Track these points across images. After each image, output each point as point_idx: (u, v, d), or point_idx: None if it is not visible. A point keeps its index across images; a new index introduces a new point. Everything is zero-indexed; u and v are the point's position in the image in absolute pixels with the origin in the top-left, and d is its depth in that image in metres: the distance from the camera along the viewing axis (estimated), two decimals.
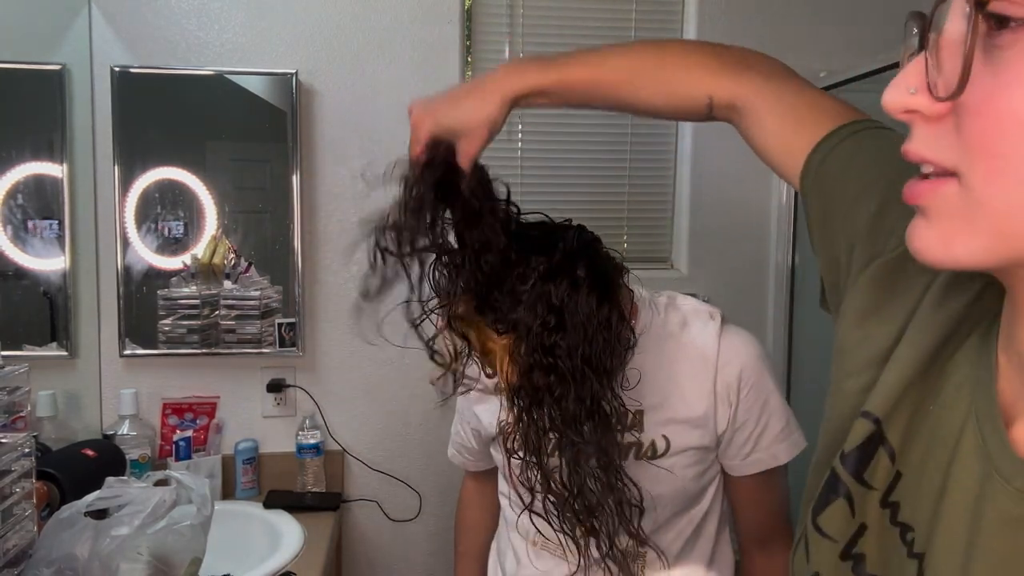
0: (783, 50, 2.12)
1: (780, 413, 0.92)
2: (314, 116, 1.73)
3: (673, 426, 0.89)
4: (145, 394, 1.70)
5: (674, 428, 0.89)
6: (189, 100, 1.68)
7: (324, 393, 1.78)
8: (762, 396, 0.91)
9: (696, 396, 0.89)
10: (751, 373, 0.90)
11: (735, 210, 1.87)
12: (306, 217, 1.74)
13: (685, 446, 0.90)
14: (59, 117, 1.59)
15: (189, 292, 1.68)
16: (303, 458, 1.71)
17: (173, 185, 1.67)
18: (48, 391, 1.53)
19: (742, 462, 0.92)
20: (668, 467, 0.89)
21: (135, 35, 1.66)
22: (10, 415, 0.99)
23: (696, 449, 0.90)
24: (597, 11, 1.83)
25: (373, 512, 1.81)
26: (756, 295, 1.90)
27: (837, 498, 0.49)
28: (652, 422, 0.89)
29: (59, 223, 1.60)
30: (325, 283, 1.77)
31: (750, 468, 0.92)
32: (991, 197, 0.34)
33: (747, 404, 0.90)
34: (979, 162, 0.34)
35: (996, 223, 0.35)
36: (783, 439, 0.91)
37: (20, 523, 0.92)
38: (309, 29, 1.71)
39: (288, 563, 1.38)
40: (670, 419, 0.89)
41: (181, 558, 0.94)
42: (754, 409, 0.90)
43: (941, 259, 0.38)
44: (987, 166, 0.34)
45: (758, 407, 0.91)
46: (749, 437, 0.91)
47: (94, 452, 1.22)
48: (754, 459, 0.91)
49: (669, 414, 0.89)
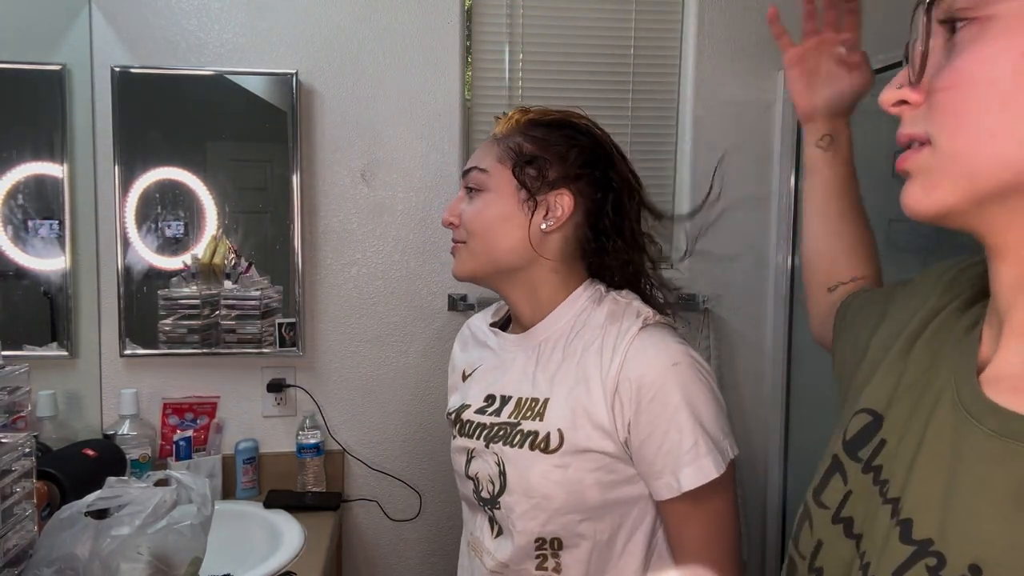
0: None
1: (688, 432, 0.82)
2: (314, 116, 1.73)
3: (575, 421, 0.85)
4: (145, 394, 1.71)
5: (575, 424, 0.85)
6: (189, 100, 1.68)
7: (324, 393, 1.78)
8: (668, 410, 0.82)
9: (599, 394, 0.85)
10: (655, 381, 0.83)
11: (735, 210, 1.87)
12: (306, 217, 1.74)
13: (585, 447, 0.85)
14: (59, 117, 1.59)
15: (189, 292, 1.68)
16: (303, 458, 1.71)
17: (173, 185, 1.67)
18: (48, 391, 1.53)
19: (655, 483, 0.84)
20: (561, 464, 0.85)
21: (135, 35, 1.66)
22: (10, 415, 0.99)
23: (599, 454, 0.85)
24: (597, 11, 1.83)
25: (373, 512, 1.81)
26: (756, 295, 1.90)
27: (834, 475, 0.57)
28: (554, 413, 0.87)
29: (59, 223, 1.60)
30: (325, 283, 1.77)
31: (663, 492, 0.84)
32: (956, 149, 0.44)
33: (649, 415, 0.83)
34: (945, 125, 0.45)
35: (962, 167, 0.44)
36: (689, 462, 0.82)
37: (20, 523, 0.92)
38: (309, 29, 1.71)
39: (288, 563, 1.38)
40: (573, 412, 0.86)
41: (181, 558, 0.94)
42: (658, 422, 0.82)
43: (926, 205, 0.47)
44: (951, 126, 0.44)
45: (664, 420, 0.82)
46: (656, 453, 0.83)
47: (94, 452, 1.22)
48: (664, 483, 0.83)
49: (573, 406, 0.86)
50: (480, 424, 0.95)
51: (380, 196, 1.77)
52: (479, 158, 0.95)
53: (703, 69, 1.84)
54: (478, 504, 0.95)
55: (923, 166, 0.46)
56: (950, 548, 0.43)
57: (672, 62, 1.89)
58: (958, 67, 0.43)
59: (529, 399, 0.90)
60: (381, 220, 1.77)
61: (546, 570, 0.88)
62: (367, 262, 1.78)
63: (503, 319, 1.07)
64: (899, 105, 0.48)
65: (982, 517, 0.42)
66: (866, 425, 0.55)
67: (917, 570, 0.44)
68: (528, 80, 1.84)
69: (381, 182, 1.76)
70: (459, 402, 1.01)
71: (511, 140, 0.93)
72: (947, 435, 0.47)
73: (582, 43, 1.84)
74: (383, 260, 1.78)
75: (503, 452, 0.90)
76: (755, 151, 1.86)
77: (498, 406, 0.94)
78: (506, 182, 0.92)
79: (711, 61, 1.84)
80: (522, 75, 1.84)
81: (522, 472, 0.87)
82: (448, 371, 1.12)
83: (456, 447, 1.00)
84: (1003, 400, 0.44)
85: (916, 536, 0.45)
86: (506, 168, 0.92)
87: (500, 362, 0.98)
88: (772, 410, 1.90)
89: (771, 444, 1.91)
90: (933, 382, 0.51)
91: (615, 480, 0.86)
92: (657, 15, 1.86)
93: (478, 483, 0.94)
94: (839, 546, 0.53)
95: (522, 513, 0.87)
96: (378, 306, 1.79)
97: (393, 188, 1.76)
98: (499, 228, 0.92)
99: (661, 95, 1.89)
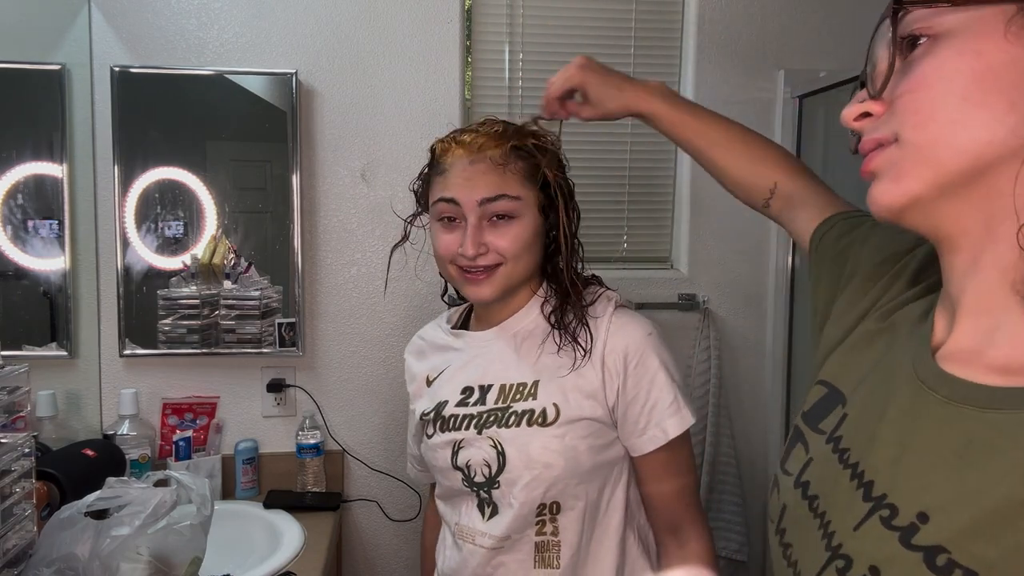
0: (783, 50, 2.14)
1: (668, 389, 0.96)
2: (314, 116, 1.73)
3: (566, 395, 0.96)
4: (145, 394, 1.71)
5: (567, 397, 0.96)
6: (189, 100, 1.68)
7: (324, 393, 1.78)
8: (649, 372, 0.96)
9: (588, 367, 0.96)
10: (637, 350, 0.96)
11: (735, 210, 1.86)
12: (306, 217, 1.74)
13: (578, 415, 0.95)
14: (59, 117, 1.59)
15: (189, 292, 1.68)
16: (303, 458, 1.71)
17: (173, 185, 1.67)
18: (48, 391, 1.53)
19: (639, 440, 0.97)
20: (559, 435, 0.95)
21: (135, 35, 1.66)
22: (10, 415, 0.99)
23: (590, 420, 0.96)
24: (597, 11, 1.83)
25: (373, 512, 1.81)
26: (756, 295, 1.90)
27: (796, 444, 0.63)
28: (546, 391, 0.97)
29: (59, 223, 1.60)
30: (325, 283, 1.77)
31: (647, 445, 0.96)
32: (922, 139, 0.48)
33: (635, 379, 0.96)
34: (908, 120, 0.49)
35: (928, 154, 0.48)
36: (672, 414, 0.96)
37: (20, 523, 0.91)
38: (309, 29, 1.71)
39: (288, 563, 1.38)
40: (563, 388, 0.96)
41: (181, 558, 0.94)
42: (643, 384, 0.96)
43: (895, 195, 0.50)
44: (917, 120, 0.49)
45: (646, 382, 0.96)
46: (641, 411, 0.96)
47: (94, 452, 1.22)
48: (649, 436, 0.96)
49: (561, 383, 0.97)
50: (467, 415, 1.00)
51: (380, 196, 1.76)
52: (499, 185, 0.96)
53: (703, 69, 1.84)
54: (469, 490, 1.00)
55: (890, 160, 0.50)
56: (902, 499, 0.48)
57: (672, 62, 1.89)
58: (920, 71, 0.48)
59: (516, 384, 0.99)
60: (381, 220, 1.77)
61: (545, 534, 0.97)
62: (367, 262, 1.78)
63: (460, 321, 1.14)
64: (861, 119, 0.53)
65: (930, 471, 0.47)
66: (823, 397, 0.63)
67: (872, 522, 0.49)
68: (528, 80, 1.84)
69: (381, 182, 1.76)
70: (433, 402, 1.06)
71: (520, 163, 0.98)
72: (905, 406, 0.52)
73: (582, 43, 1.84)
74: (383, 260, 1.78)
75: (499, 434, 0.97)
76: None
77: (479, 395, 1.01)
78: (533, 204, 0.98)
79: (711, 61, 1.84)
80: (522, 75, 1.84)
81: (522, 447, 0.95)
82: (406, 382, 1.18)
83: (437, 443, 1.03)
84: (955, 372, 0.50)
85: (874, 494, 0.50)
86: (533, 190, 0.98)
87: (471, 357, 1.05)
88: (772, 410, 1.90)
89: (771, 444, 1.91)
90: (892, 364, 0.56)
91: (603, 444, 0.97)
92: (657, 15, 1.86)
93: (469, 470, 0.99)
94: (797, 508, 0.59)
95: (524, 484, 0.95)
96: (378, 306, 1.79)
97: (393, 188, 1.76)
98: (533, 247, 0.99)
99: None
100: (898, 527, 0.47)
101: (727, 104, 1.84)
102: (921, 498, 0.47)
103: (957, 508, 0.44)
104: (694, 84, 1.84)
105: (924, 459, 0.48)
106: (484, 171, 0.96)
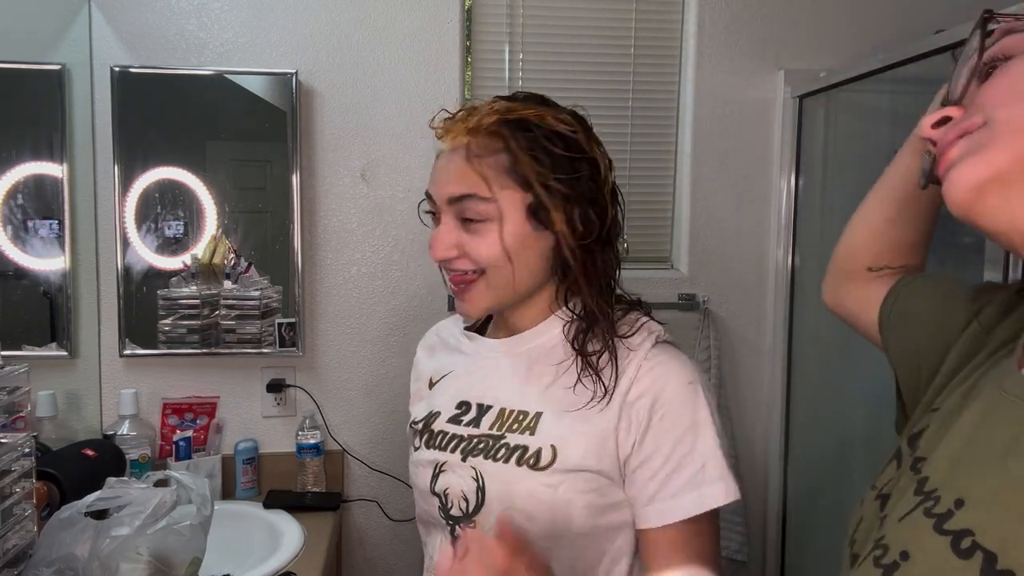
0: (783, 50, 2.13)
1: (698, 455, 0.77)
2: (314, 116, 1.73)
3: (571, 437, 0.79)
4: (145, 394, 1.71)
5: (571, 439, 0.79)
6: (189, 100, 1.68)
7: (324, 393, 1.78)
8: (679, 428, 0.77)
9: (606, 408, 0.79)
10: (670, 399, 0.78)
11: (735, 210, 1.87)
12: (306, 217, 1.74)
13: (579, 465, 0.78)
14: (59, 117, 1.59)
15: (189, 292, 1.68)
16: (303, 458, 1.71)
17: (173, 185, 1.67)
18: (48, 391, 1.53)
19: (644, 508, 0.78)
20: (551, 484, 0.78)
21: (135, 35, 1.66)
22: (10, 415, 0.99)
23: (594, 473, 0.78)
24: (597, 11, 1.83)
25: (373, 512, 1.81)
26: (756, 295, 1.90)
27: (892, 461, 0.61)
28: (547, 428, 0.80)
29: (59, 223, 1.60)
30: (325, 283, 1.77)
31: (653, 519, 0.77)
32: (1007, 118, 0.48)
33: (658, 432, 0.77)
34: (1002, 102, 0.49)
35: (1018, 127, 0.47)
36: (693, 488, 0.76)
37: (20, 523, 0.92)
38: (309, 29, 1.71)
39: (288, 563, 1.38)
40: (571, 427, 0.79)
41: (181, 558, 0.94)
42: (666, 440, 0.77)
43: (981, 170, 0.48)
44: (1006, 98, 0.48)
45: (671, 439, 0.77)
46: (656, 474, 0.77)
47: (94, 452, 1.22)
48: (656, 508, 0.77)
49: (570, 421, 0.80)
50: (456, 436, 0.87)
51: (380, 196, 1.76)
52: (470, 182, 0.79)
53: (703, 69, 1.84)
54: (444, 523, 0.86)
55: (976, 141, 0.49)
56: (946, 490, 0.49)
57: (672, 62, 1.89)
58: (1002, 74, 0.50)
59: (517, 411, 0.83)
60: (381, 220, 1.77)
61: None
62: (367, 262, 1.78)
63: (481, 321, 0.97)
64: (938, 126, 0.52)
65: (979, 464, 0.48)
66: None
67: (917, 512, 0.50)
68: (528, 80, 1.83)
69: (381, 182, 1.76)
70: (426, 411, 0.93)
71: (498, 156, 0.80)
72: (980, 409, 0.52)
73: (582, 43, 1.84)
74: (383, 260, 1.78)
75: (483, 467, 0.82)
76: (755, 151, 1.86)
77: (475, 415, 0.86)
78: (517, 207, 0.80)
79: (711, 61, 1.84)
80: (522, 75, 1.84)
81: (504, 487, 0.80)
82: (411, 379, 1.05)
83: (420, 460, 0.91)
84: None
85: (927, 488, 0.51)
86: (517, 190, 0.80)
87: (476, 367, 0.90)
88: (772, 410, 1.90)
89: (771, 444, 1.91)
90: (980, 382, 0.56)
91: (605, 504, 0.79)
92: (657, 14, 1.86)
93: (446, 500, 0.85)
94: (870, 516, 0.58)
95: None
96: (378, 306, 1.79)
97: (393, 188, 1.76)
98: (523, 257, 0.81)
99: (661, 95, 1.89)
100: (936, 514, 0.48)
101: (727, 104, 1.85)
102: (963, 487, 0.48)
103: (993, 495, 0.45)
104: (694, 84, 1.84)
105: (978, 453, 0.49)
106: (458, 163, 0.80)
